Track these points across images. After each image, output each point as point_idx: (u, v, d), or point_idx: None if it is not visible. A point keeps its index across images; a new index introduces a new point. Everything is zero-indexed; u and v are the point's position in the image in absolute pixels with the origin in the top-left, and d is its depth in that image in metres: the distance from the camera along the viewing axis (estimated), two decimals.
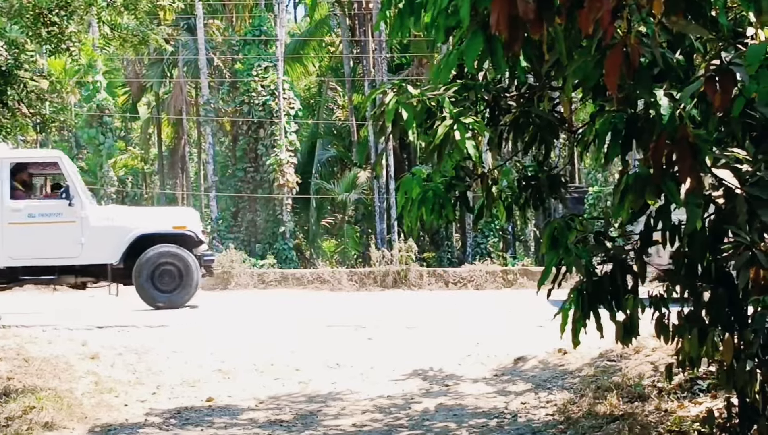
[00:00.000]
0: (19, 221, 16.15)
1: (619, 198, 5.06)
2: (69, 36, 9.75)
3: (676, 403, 7.90)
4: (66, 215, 16.30)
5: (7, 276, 16.50)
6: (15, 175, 16.49)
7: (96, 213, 16.80)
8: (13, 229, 16.18)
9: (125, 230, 16.57)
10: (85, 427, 8.67)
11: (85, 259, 16.39)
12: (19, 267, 16.35)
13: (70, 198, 16.31)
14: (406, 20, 5.22)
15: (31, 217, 16.20)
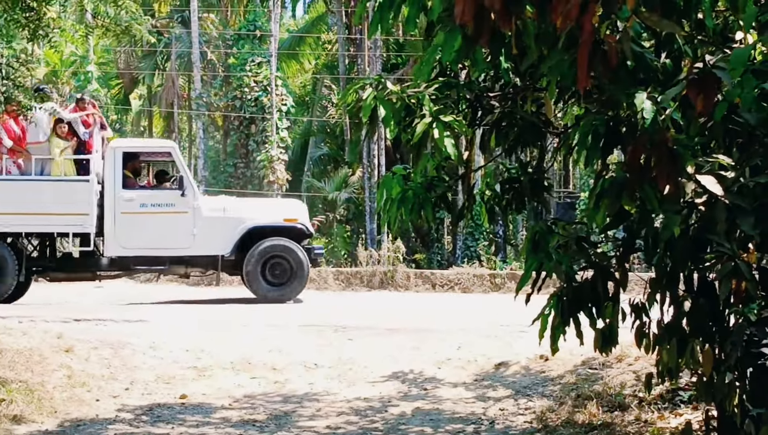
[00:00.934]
0: (131, 211, 16.24)
1: (594, 202, 4.92)
2: (47, 22, 9.59)
3: (657, 413, 7.78)
4: (178, 206, 16.35)
5: (119, 265, 16.66)
6: (126, 165, 16.52)
7: (208, 204, 16.86)
8: (126, 219, 16.28)
9: (237, 222, 16.54)
10: (55, 421, 8.54)
11: (196, 250, 16.42)
12: (131, 256, 16.44)
13: (183, 188, 16.38)
14: (386, 14, 5.06)
15: (143, 206, 16.27)
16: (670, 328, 5.81)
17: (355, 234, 37.66)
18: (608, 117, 5.00)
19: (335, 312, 14.49)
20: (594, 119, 5.03)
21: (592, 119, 5.04)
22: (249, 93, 35.09)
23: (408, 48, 37.00)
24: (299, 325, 12.36)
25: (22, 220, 15.91)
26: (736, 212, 4.72)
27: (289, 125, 36.18)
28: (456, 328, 12.28)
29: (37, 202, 15.81)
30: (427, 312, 15.05)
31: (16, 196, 15.84)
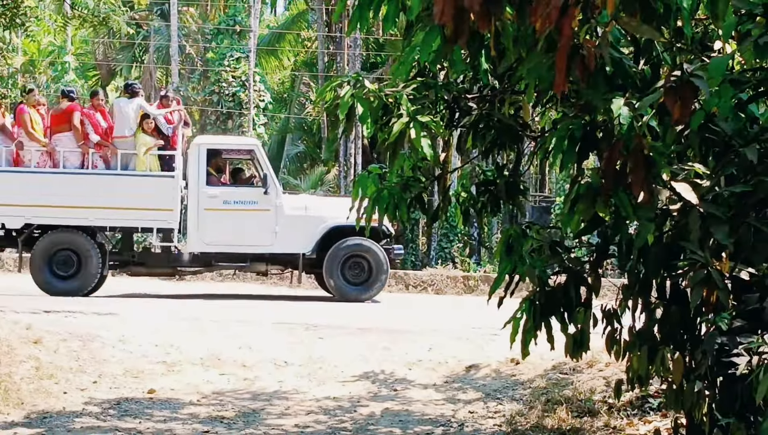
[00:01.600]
0: (214, 207, 16.26)
1: (569, 207, 4.90)
2: (24, 11, 9.52)
3: (626, 420, 7.79)
4: (261, 203, 16.37)
5: (201, 261, 16.75)
6: (210, 161, 16.58)
7: (290, 202, 16.88)
8: (209, 215, 16.32)
9: (320, 220, 16.55)
10: (22, 413, 8.47)
11: (278, 247, 16.43)
12: (213, 253, 16.52)
13: (266, 186, 16.40)
14: (366, 12, 5.03)
15: (226, 203, 16.31)
16: (641, 335, 5.82)
17: None
18: (585, 122, 4.99)
19: (307, 310, 14.43)
20: (570, 123, 5.02)
21: (569, 123, 5.02)
22: (227, 88, 34.97)
23: (387, 47, 36.95)
24: (270, 322, 12.30)
25: (106, 215, 16.07)
26: (710, 221, 4.72)
27: (266, 121, 36.11)
28: (428, 329, 12.25)
29: (122, 197, 15.90)
30: (400, 312, 15.02)
31: (101, 191, 15.95)
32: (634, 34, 5.19)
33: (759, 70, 5.00)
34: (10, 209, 15.90)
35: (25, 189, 15.84)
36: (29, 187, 15.85)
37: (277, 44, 40.67)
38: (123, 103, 16.33)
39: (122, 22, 11.06)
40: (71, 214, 15.90)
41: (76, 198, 15.82)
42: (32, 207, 15.85)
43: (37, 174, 15.93)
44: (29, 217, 16.00)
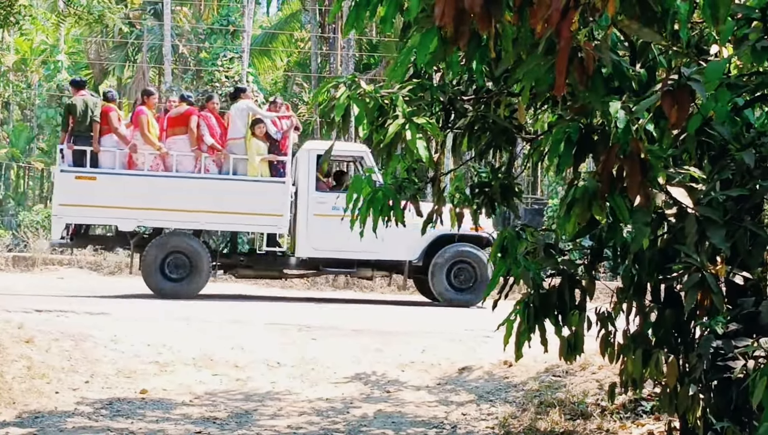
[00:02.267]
0: (323, 213, 16.29)
1: (565, 210, 4.90)
2: (18, 9, 9.50)
3: (619, 423, 7.78)
4: None
5: (308, 266, 17.05)
6: (318, 167, 16.74)
7: None
8: (318, 221, 16.48)
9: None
10: (13, 412, 8.43)
11: (384, 254, 16.54)
12: (321, 258, 16.79)
13: None
14: (362, 12, 5.02)
15: (335, 209, 16.32)
16: (636, 338, 5.82)
17: None
18: (581, 125, 4.99)
19: (299, 311, 14.43)
20: (566, 126, 5.01)
21: (565, 126, 5.02)
22: (220, 88, 34.93)
23: (381, 49, 37.00)
24: (263, 323, 12.28)
25: (217, 219, 16.37)
26: (706, 224, 4.72)
27: None
28: (420, 331, 12.25)
29: (233, 202, 16.16)
30: (392, 314, 15.01)
31: (213, 195, 16.21)
32: (630, 38, 5.19)
33: (756, 75, 5.00)
34: (123, 212, 16.18)
35: (138, 192, 16.06)
36: (142, 190, 16.05)
37: (270, 44, 40.70)
38: (233, 106, 16.62)
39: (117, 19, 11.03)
40: (183, 217, 16.24)
41: (188, 201, 16.08)
42: (145, 210, 16.09)
43: (150, 177, 16.14)
44: (142, 220, 16.28)
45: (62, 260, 27.26)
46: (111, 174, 16.16)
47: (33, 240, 29.42)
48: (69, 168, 16.22)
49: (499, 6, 3.55)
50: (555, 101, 6.13)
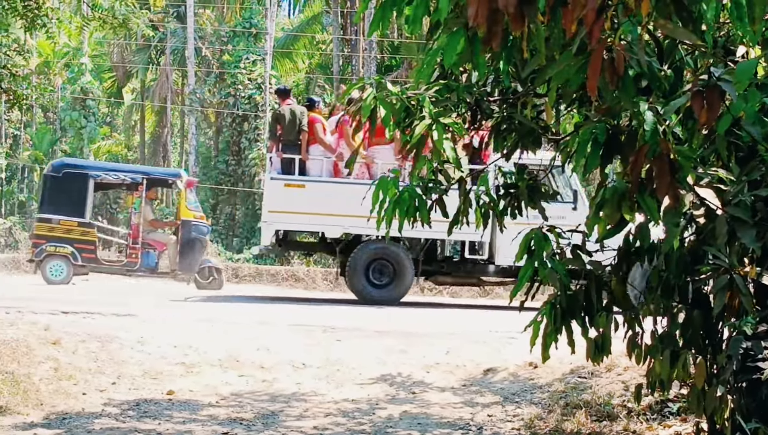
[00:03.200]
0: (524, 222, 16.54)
1: (594, 211, 4.90)
2: (45, 12, 9.55)
3: (645, 424, 7.75)
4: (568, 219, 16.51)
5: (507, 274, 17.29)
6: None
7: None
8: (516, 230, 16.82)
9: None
10: (41, 413, 8.46)
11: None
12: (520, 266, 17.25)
13: (575, 202, 16.67)
14: (388, 12, 5.03)
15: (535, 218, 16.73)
16: (663, 339, 5.80)
17: None
18: (608, 126, 4.98)
19: (324, 312, 14.45)
20: (594, 127, 5.00)
21: (592, 127, 5.01)
22: (243, 90, 35.09)
23: (403, 50, 36.98)
24: (288, 324, 12.31)
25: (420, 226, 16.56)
26: (736, 225, 4.71)
27: None
28: (445, 332, 12.25)
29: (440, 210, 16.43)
30: (416, 315, 15.02)
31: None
32: (657, 38, 5.18)
33: None
34: (330, 219, 16.43)
35: (344, 199, 16.18)
36: (348, 198, 16.03)
37: (291, 46, 40.76)
38: None
39: (142, 23, 11.07)
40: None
41: None
42: (351, 217, 16.10)
43: (356, 185, 16.15)
44: (347, 227, 16.43)
45: None
46: (319, 182, 16.51)
47: None
48: (278, 176, 16.62)
49: (533, 6, 3.55)
50: (581, 102, 6.13)
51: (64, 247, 20.88)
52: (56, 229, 20.94)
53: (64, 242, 20.89)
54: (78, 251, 20.93)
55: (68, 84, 40.23)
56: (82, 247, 21.00)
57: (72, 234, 20.93)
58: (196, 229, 21.21)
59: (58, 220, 20.96)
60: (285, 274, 25.23)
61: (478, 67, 4.88)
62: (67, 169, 21.47)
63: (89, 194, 21.25)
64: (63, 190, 21.02)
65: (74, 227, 20.95)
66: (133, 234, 21.74)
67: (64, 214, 20.95)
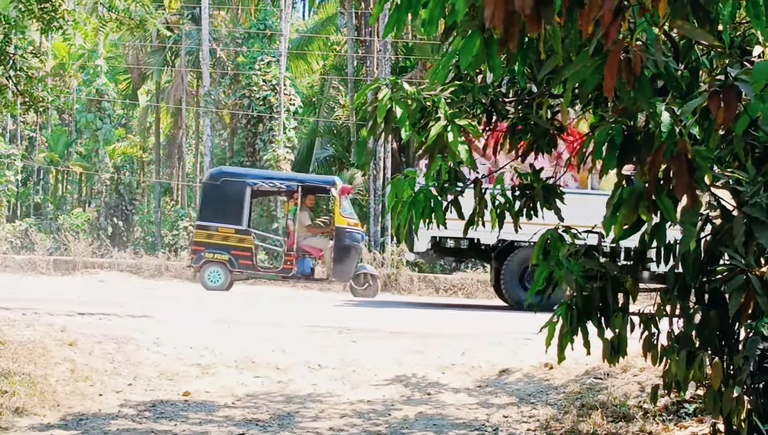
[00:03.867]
0: None
1: (611, 212, 4.89)
2: (62, 14, 9.59)
3: (661, 425, 7.74)
4: None
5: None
6: None
7: None
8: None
9: None
10: (57, 414, 8.50)
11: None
12: None
13: None
14: (403, 15, 5.03)
15: None
16: (680, 339, 5.79)
17: None
18: (624, 126, 4.97)
19: (339, 313, 14.46)
20: (610, 128, 4.99)
21: (608, 128, 5.00)
22: (257, 92, 35.13)
23: (417, 51, 36.98)
24: (304, 325, 12.33)
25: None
26: (753, 226, 4.70)
27: (296, 125, 36.21)
28: (460, 333, 12.25)
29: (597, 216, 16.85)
30: (431, 316, 15.03)
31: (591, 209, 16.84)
32: (673, 38, 5.18)
33: None
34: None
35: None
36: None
37: (306, 48, 40.79)
38: None
39: (159, 24, 11.10)
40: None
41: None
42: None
43: None
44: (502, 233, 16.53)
45: (102, 264, 27.52)
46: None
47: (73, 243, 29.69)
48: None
49: (550, 7, 3.55)
50: (597, 103, 6.12)
51: (222, 254, 21.20)
52: (214, 236, 21.22)
53: (222, 249, 21.21)
54: (235, 258, 21.21)
55: (83, 86, 40.34)
56: (239, 253, 21.27)
57: (230, 241, 21.20)
58: (351, 236, 21.27)
59: (216, 228, 21.24)
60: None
61: (494, 68, 4.88)
62: (225, 178, 21.77)
63: (246, 202, 21.49)
64: (221, 198, 21.32)
65: (232, 234, 21.20)
66: (289, 241, 21.94)
67: (222, 222, 21.21)
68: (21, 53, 10.12)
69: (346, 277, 21.40)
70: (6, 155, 38.61)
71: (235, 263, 21.13)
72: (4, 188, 38.35)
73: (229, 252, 21.15)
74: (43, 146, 47.10)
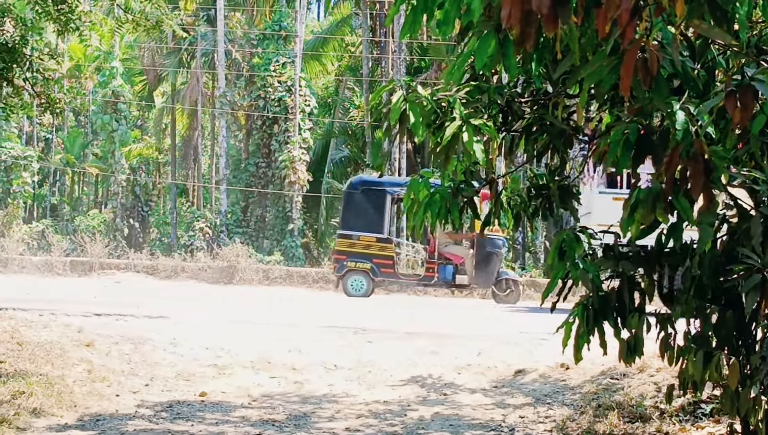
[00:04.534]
0: None
1: (628, 212, 4.87)
2: (79, 15, 9.62)
3: (678, 426, 7.72)
4: None
5: None
6: None
7: None
8: None
9: None
10: (74, 415, 8.52)
11: None
12: None
13: None
14: (419, 16, 5.03)
15: None
16: (696, 339, 5.77)
17: None
18: (639, 126, 4.96)
19: (355, 314, 14.47)
20: (625, 127, 4.98)
21: (624, 128, 4.99)
22: (273, 93, 35.18)
23: (432, 52, 36.95)
24: (319, 325, 12.35)
25: None
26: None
27: (311, 126, 36.22)
28: (475, 334, 12.25)
29: None
30: (446, 316, 15.02)
31: None
32: (689, 38, 5.16)
33: None
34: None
35: None
36: None
37: (321, 49, 40.80)
38: None
39: (174, 25, 11.13)
40: None
41: None
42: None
43: None
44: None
45: (119, 265, 27.60)
46: None
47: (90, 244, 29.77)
48: (606, 190, 16.93)
49: (567, 7, 3.54)
50: (613, 102, 6.10)
51: (364, 263, 21.31)
52: (356, 245, 21.29)
53: (364, 258, 21.34)
54: (377, 266, 21.30)
55: (99, 87, 40.44)
56: (381, 262, 21.36)
57: (371, 249, 21.28)
58: (492, 243, 21.33)
59: (357, 236, 21.30)
60: (315, 276, 25.29)
61: (509, 69, 4.87)
62: (366, 186, 21.92)
63: (387, 210, 21.56)
64: (362, 206, 21.41)
65: (373, 243, 21.25)
66: (430, 248, 22.01)
67: (364, 230, 21.25)
68: (37, 55, 10.17)
69: (487, 284, 21.47)
70: (22, 157, 38.76)
71: (377, 272, 21.23)
72: (20, 190, 38.50)
73: (371, 260, 21.28)
74: (59, 148, 47.27)
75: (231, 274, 25.70)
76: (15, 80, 9.90)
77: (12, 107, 10.57)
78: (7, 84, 9.94)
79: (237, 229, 35.59)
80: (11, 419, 7.96)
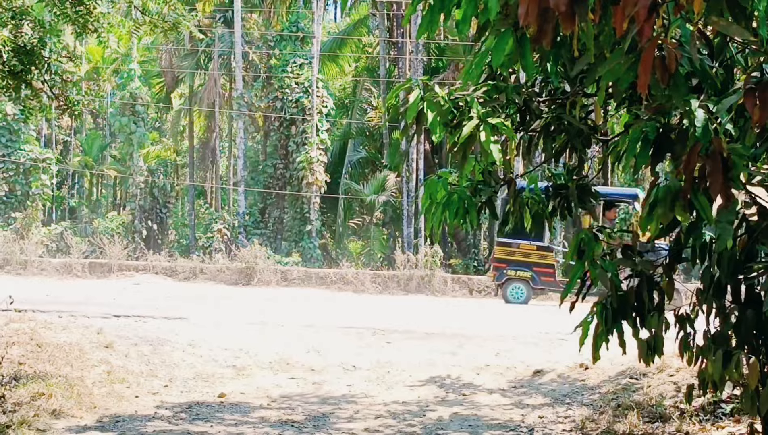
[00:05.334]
0: None
1: (647, 211, 4.85)
2: (96, 17, 9.65)
3: (698, 425, 7.68)
4: None
5: None
6: None
7: None
8: None
9: None
10: (94, 416, 8.55)
11: None
12: None
13: None
14: (436, 16, 5.02)
15: None
16: (716, 339, 5.74)
17: (391, 237, 37.66)
18: (658, 124, 4.94)
19: (373, 315, 14.47)
20: (644, 126, 4.96)
21: (642, 126, 4.97)
22: (290, 94, 35.19)
23: (449, 52, 36.90)
24: (338, 326, 12.35)
25: None
26: None
27: (328, 127, 36.22)
28: (494, 334, 12.23)
29: None
30: (465, 317, 15.00)
31: None
32: (707, 35, 5.14)
33: None
34: None
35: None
36: None
37: (338, 50, 40.79)
38: None
39: (192, 27, 11.15)
40: None
41: None
42: None
43: None
44: None
45: (137, 266, 27.66)
46: None
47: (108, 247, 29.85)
48: None
49: (584, 4, 3.52)
50: (631, 101, 6.08)
51: (524, 271, 21.27)
52: (516, 253, 21.31)
53: (524, 266, 21.29)
54: (537, 275, 21.28)
55: (117, 90, 40.57)
56: (541, 270, 21.36)
57: (531, 258, 21.28)
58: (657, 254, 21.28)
59: (517, 244, 21.32)
60: (334, 277, 25.26)
61: (527, 67, 4.86)
62: None
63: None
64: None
65: (533, 251, 21.28)
66: None
67: (523, 239, 21.30)
68: (56, 57, 10.20)
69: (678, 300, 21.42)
70: (41, 159, 38.89)
71: (537, 280, 21.19)
72: (39, 192, 38.63)
73: (531, 269, 21.19)
74: (77, 150, 47.42)
75: (249, 275, 25.71)
76: (33, 82, 9.94)
77: (30, 109, 10.61)
78: (25, 86, 9.98)
79: (255, 231, 35.62)
80: (31, 420, 8.00)
